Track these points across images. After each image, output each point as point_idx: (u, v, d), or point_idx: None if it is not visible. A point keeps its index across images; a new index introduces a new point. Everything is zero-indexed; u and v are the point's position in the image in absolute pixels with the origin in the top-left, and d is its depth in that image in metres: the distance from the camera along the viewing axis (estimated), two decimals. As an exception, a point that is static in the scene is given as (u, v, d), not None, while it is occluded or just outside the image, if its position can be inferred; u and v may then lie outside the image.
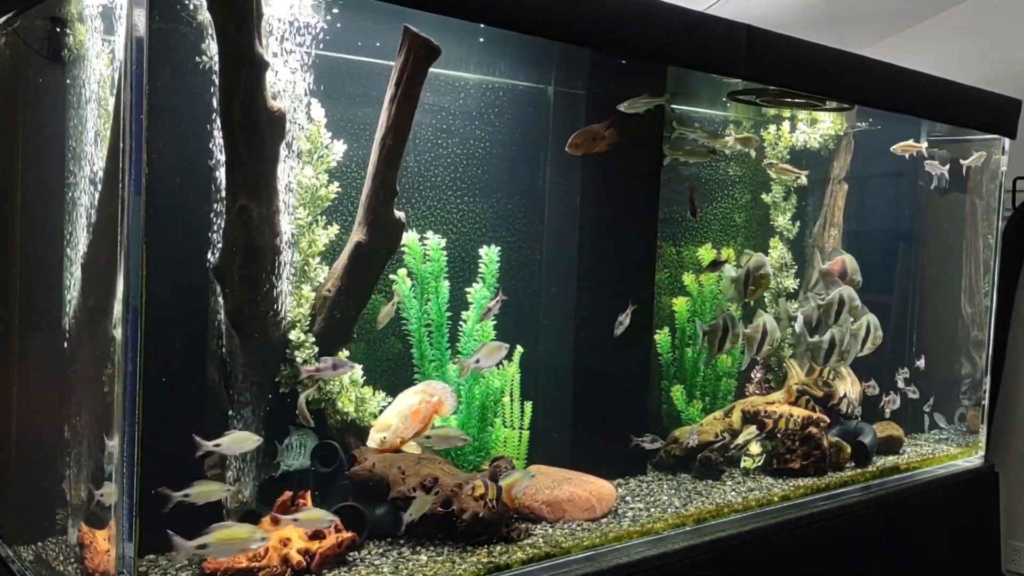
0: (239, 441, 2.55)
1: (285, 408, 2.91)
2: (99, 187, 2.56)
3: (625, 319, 3.37)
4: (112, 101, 2.53)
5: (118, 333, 2.22)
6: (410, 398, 3.07)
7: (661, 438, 3.65)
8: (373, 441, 2.97)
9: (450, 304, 3.38)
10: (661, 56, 3.29)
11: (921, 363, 4.74)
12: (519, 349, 3.47)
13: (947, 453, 4.66)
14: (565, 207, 3.74)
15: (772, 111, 4.52)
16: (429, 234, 3.33)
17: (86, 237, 2.64)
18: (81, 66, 2.69)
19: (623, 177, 3.71)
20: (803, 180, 4.46)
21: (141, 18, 2.16)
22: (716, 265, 3.63)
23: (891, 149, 4.47)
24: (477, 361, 3.02)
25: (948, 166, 4.57)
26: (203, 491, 2.41)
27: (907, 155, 4.48)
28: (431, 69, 2.90)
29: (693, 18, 3.29)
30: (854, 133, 4.73)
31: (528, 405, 3.53)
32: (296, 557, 2.57)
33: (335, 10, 2.89)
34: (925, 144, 4.58)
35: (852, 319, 4.20)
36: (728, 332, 3.65)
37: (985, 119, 4.56)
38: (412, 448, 3.02)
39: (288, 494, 2.73)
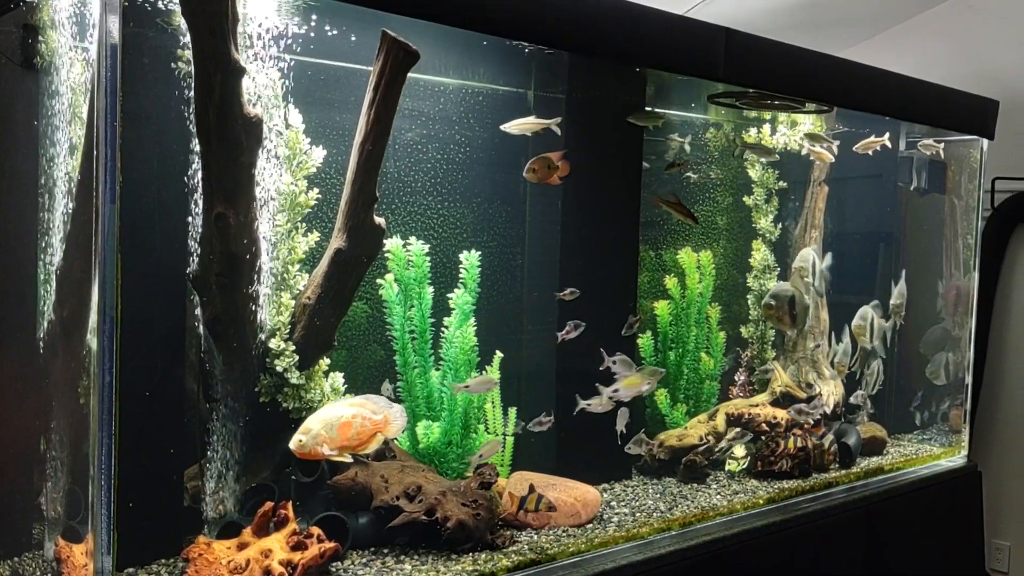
0: (634, 385, 3.23)
1: (265, 417, 2.88)
2: (74, 195, 2.52)
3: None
4: (86, 108, 2.50)
5: (94, 343, 2.19)
6: (343, 409, 2.84)
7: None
8: (292, 443, 2.76)
9: (433, 310, 3.35)
10: (640, 59, 3.29)
11: (867, 402, 4.74)
12: (498, 354, 3.45)
13: (930, 453, 4.68)
14: (546, 211, 3.72)
15: (753, 112, 4.53)
16: (412, 240, 3.31)
17: (61, 246, 2.60)
18: (54, 73, 2.65)
19: (604, 181, 3.70)
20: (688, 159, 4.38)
21: (115, 24, 2.13)
22: (632, 326, 3.67)
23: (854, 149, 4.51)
24: (467, 387, 3.20)
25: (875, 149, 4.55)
26: (630, 383, 3.20)
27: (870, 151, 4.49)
28: (410, 74, 2.88)
29: (672, 21, 3.30)
30: (834, 135, 4.74)
31: (512, 411, 3.51)
32: (278, 569, 2.54)
33: (312, 15, 2.87)
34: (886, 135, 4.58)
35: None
36: (796, 304, 4.01)
37: (964, 120, 4.59)
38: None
39: (269, 504, 2.69)
